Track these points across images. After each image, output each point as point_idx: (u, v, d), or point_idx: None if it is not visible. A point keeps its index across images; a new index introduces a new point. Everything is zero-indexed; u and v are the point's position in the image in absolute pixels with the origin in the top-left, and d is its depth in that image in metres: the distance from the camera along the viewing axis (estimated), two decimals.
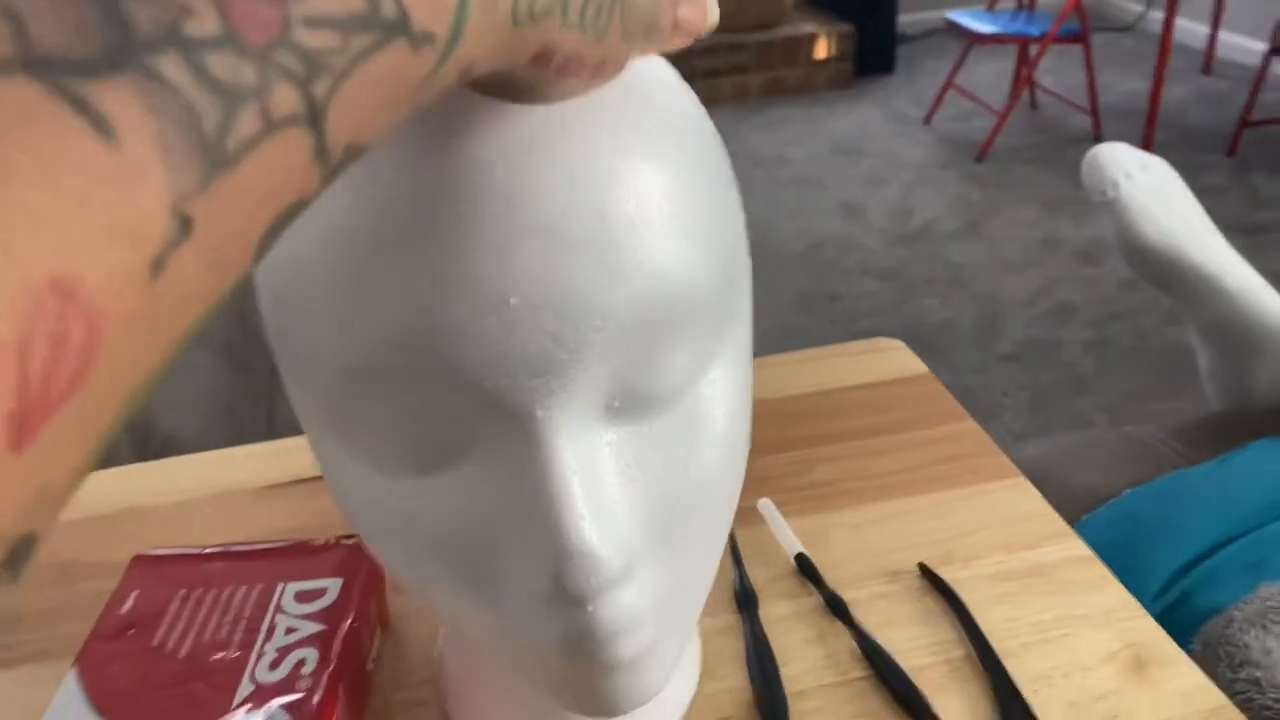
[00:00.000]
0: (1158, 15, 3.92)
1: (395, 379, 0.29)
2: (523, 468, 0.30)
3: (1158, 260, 0.96)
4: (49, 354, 0.12)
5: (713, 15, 0.29)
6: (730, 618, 0.51)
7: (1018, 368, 2.11)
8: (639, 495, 0.32)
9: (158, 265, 0.13)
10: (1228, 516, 0.74)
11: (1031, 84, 3.37)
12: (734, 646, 0.49)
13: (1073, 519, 0.80)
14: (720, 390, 0.34)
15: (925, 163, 3.11)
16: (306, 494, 0.61)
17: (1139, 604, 0.51)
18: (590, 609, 0.31)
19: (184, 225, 0.13)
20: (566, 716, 0.43)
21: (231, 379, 1.46)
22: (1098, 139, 3.14)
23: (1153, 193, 0.97)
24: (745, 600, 0.52)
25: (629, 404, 0.31)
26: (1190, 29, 3.90)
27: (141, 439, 1.22)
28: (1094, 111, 3.15)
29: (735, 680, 0.48)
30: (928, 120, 3.39)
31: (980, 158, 3.08)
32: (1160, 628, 0.50)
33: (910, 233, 2.69)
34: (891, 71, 3.90)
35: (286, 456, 0.64)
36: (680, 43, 0.29)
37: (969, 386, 2.04)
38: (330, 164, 0.17)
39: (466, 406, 0.30)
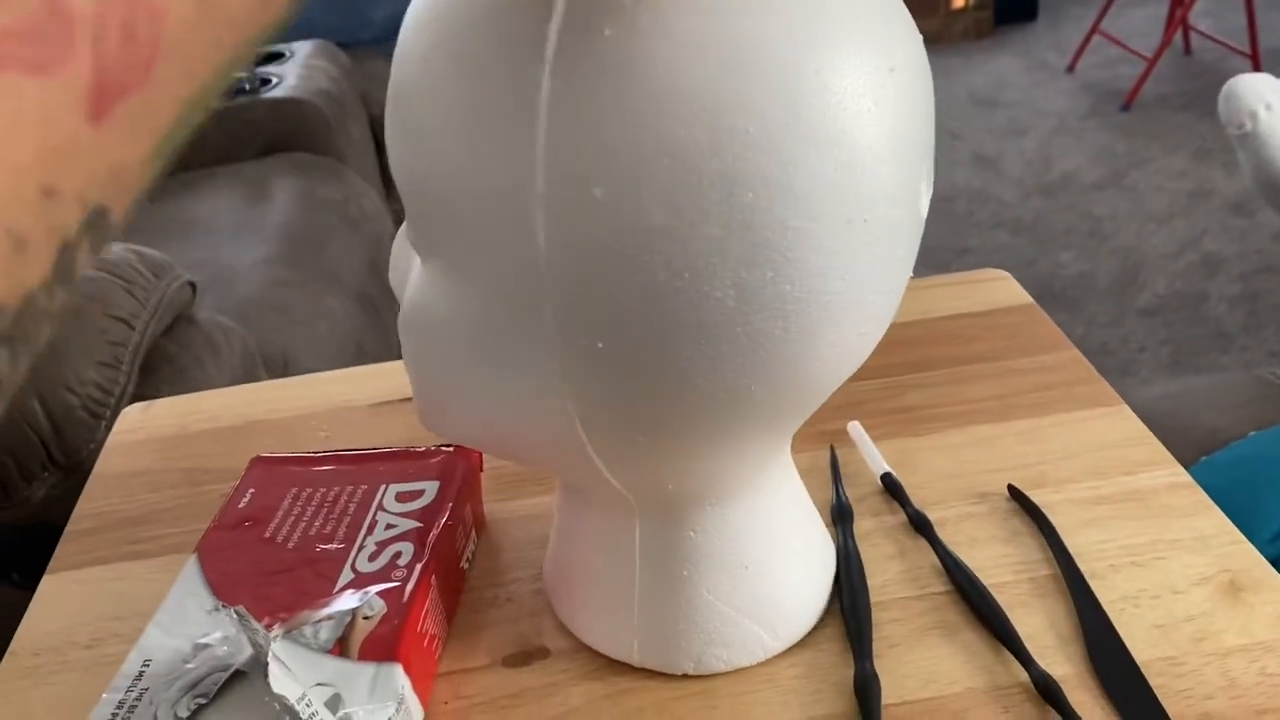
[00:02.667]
0: None
1: None
2: None
3: None
4: (120, 38, 0.14)
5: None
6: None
7: (1157, 322, 2.03)
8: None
9: None
10: None
11: (1185, 27, 3.19)
12: None
13: (1194, 459, 0.78)
14: (424, 288, 0.38)
15: (1067, 112, 2.98)
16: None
17: (1238, 531, 0.50)
18: None
19: None
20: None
21: (364, 323, 1.53)
22: None
23: None
24: (840, 515, 0.52)
25: None
26: None
27: (280, 375, 1.29)
28: (1254, 55, 2.96)
29: None
30: (1071, 69, 3.25)
31: (1127, 106, 2.94)
32: (1259, 554, 0.48)
33: (1048, 184, 2.60)
34: (1034, 19, 3.75)
35: (398, 376, 0.67)
36: None
37: (1104, 341, 1.97)
38: None
39: None
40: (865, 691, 0.43)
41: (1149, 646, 0.44)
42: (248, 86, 1.87)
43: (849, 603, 0.47)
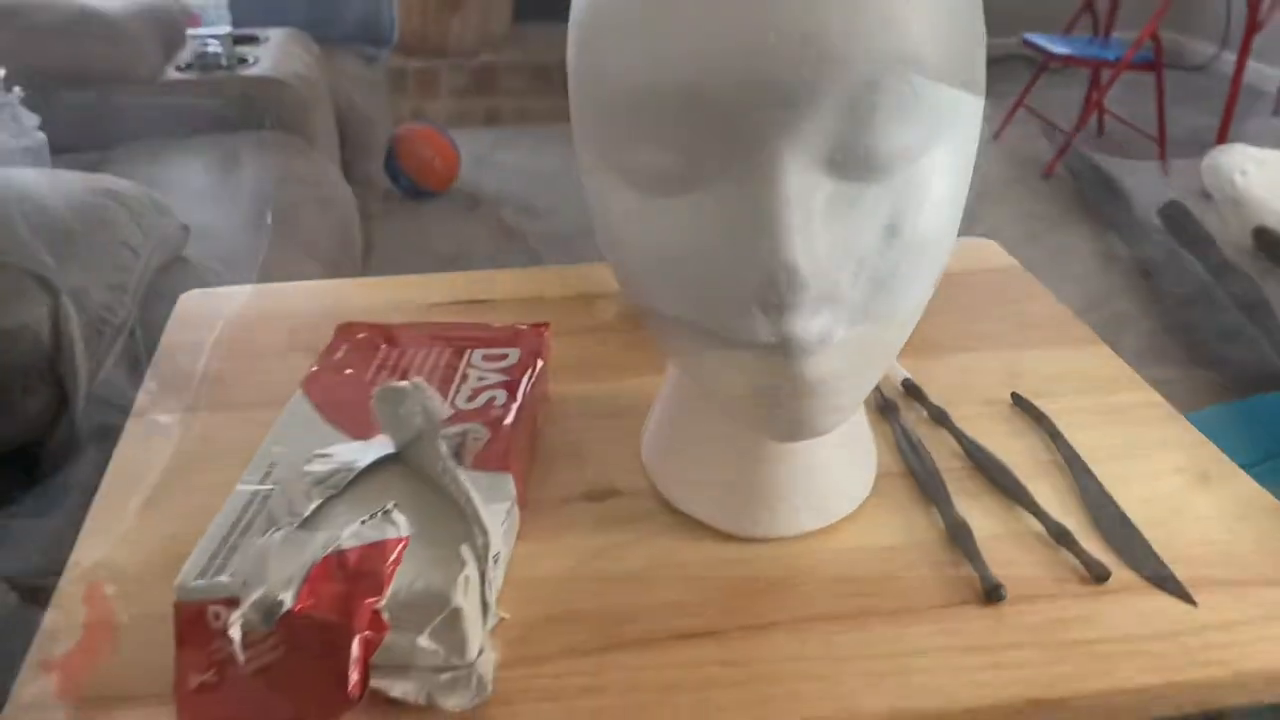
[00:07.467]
0: (1231, 57, 3.94)
1: (664, 100, 0.36)
2: (749, 191, 0.37)
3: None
4: None
5: None
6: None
7: None
8: (844, 242, 0.38)
9: None
10: None
11: (1101, 109, 3.42)
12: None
13: None
14: (941, 167, 0.38)
15: (993, 177, 3.17)
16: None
17: (1209, 440, 0.58)
18: (789, 319, 0.37)
19: None
20: (754, 475, 0.49)
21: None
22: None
23: (1271, 184, 1.07)
24: (885, 407, 0.59)
25: (848, 161, 0.37)
26: (1262, 71, 3.93)
27: None
28: (1161, 141, 3.19)
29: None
30: (996, 136, 3.45)
31: (1046, 175, 3.14)
32: (1223, 454, 0.57)
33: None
34: None
35: (452, 283, 0.73)
36: None
37: None
38: None
39: (713, 132, 0.37)
40: (959, 533, 0.49)
41: (1138, 510, 0.52)
42: (224, 63, 1.90)
43: (918, 466, 0.54)
